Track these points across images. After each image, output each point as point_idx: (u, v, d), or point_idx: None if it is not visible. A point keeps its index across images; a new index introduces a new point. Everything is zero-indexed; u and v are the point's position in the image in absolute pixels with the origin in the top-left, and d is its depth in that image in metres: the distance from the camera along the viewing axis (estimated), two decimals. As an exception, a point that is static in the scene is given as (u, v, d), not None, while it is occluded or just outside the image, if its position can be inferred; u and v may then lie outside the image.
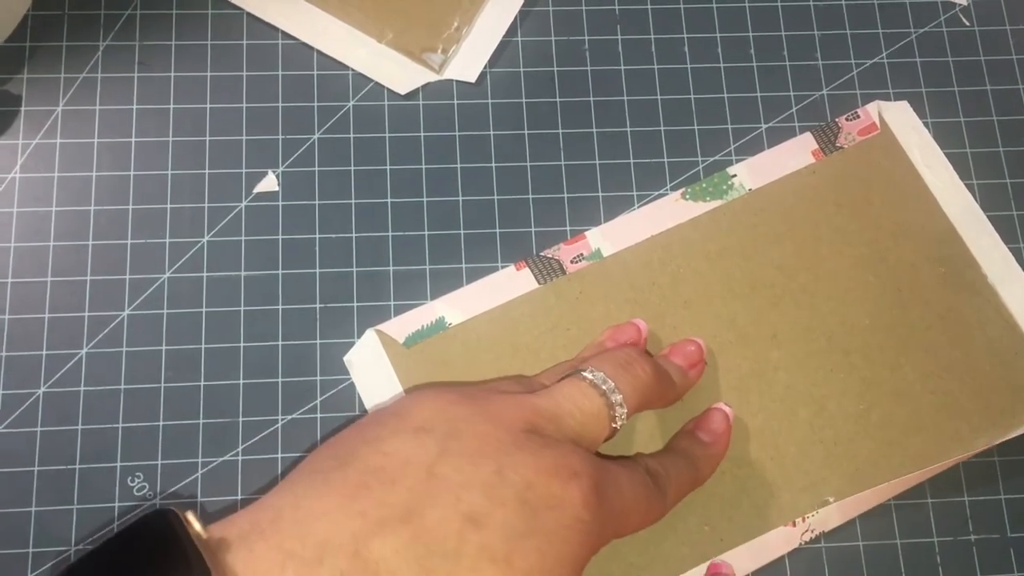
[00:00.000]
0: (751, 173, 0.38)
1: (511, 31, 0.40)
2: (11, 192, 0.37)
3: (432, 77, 0.39)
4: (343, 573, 0.23)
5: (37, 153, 0.37)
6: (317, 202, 0.37)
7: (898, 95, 0.40)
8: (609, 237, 0.37)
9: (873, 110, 0.39)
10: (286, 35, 0.39)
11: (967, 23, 0.41)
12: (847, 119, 0.39)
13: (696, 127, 0.39)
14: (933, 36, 0.41)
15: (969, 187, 0.39)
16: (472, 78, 0.39)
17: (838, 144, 0.39)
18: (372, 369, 0.35)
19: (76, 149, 0.38)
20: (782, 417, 0.35)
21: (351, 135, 0.38)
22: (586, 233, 0.37)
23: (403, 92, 0.39)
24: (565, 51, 0.40)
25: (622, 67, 0.40)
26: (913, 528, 0.35)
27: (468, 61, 0.39)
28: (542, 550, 0.24)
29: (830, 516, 0.34)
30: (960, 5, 0.41)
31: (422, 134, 0.39)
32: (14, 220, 0.37)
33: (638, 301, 0.36)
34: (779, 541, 0.34)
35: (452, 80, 0.39)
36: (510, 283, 0.37)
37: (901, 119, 0.39)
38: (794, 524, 0.34)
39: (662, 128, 0.39)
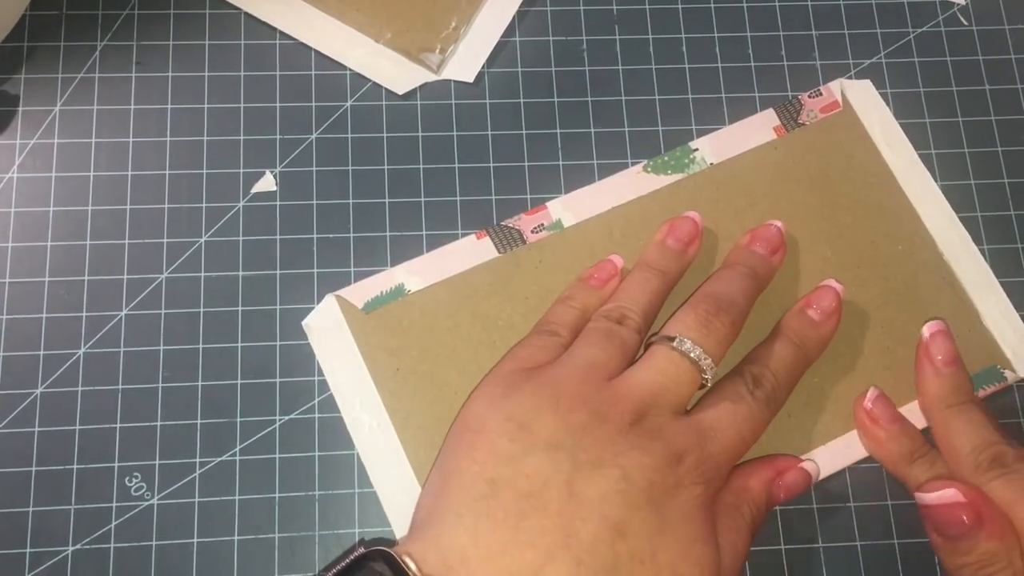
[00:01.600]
0: (713, 147, 0.38)
1: (509, 31, 0.40)
2: (8, 192, 0.37)
3: (430, 77, 0.39)
4: None
5: (35, 153, 0.37)
6: (315, 202, 0.37)
7: (896, 95, 0.40)
8: (570, 208, 0.37)
9: (836, 88, 0.39)
10: (284, 35, 0.39)
11: (965, 23, 0.41)
12: (810, 96, 0.39)
13: (694, 127, 0.39)
14: (931, 36, 0.41)
15: (967, 187, 0.39)
16: (470, 78, 0.39)
17: (800, 121, 0.39)
18: (330, 334, 0.36)
19: (74, 149, 0.38)
20: None
21: (349, 135, 0.38)
22: (547, 203, 0.37)
23: (401, 92, 0.39)
24: (563, 51, 0.40)
25: (620, 67, 0.40)
26: (912, 528, 0.35)
27: (466, 61, 0.39)
28: (677, 538, 0.28)
29: None
30: (958, 5, 0.41)
31: (420, 134, 0.39)
32: (11, 220, 0.37)
33: None
34: None
35: (450, 80, 0.39)
36: (470, 251, 0.37)
37: (863, 97, 0.39)
38: None
39: (660, 128, 0.39)
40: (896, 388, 0.36)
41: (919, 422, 0.35)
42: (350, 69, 0.39)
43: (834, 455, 0.35)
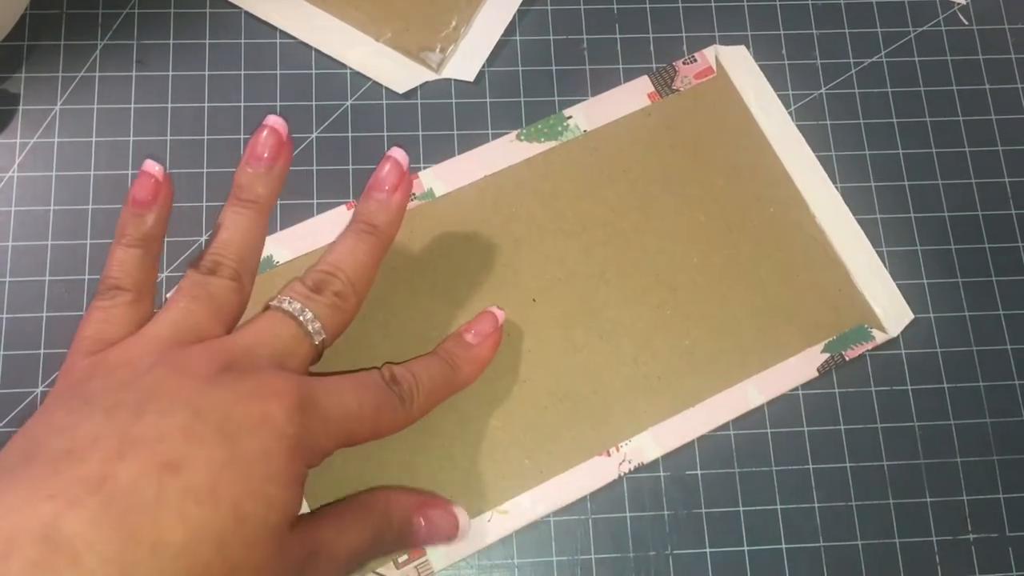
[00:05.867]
0: (586, 115, 0.39)
1: (510, 30, 0.40)
2: (9, 191, 0.37)
3: (430, 76, 0.39)
4: (34, 561, 0.22)
5: (35, 152, 0.37)
6: (315, 201, 0.37)
7: (897, 94, 0.40)
8: (442, 177, 0.37)
9: (710, 54, 0.40)
10: (284, 34, 0.39)
11: (966, 22, 0.41)
12: (684, 63, 0.40)
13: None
14: (932, 35, 0.41)
15: (966, 187, 0.39)
16: (470, 77, 0.39)
17: (674, 87, 0.39)
18: None
19: (74, 148, 0.37)
20: (607, 352, 0.36)
21: (349, 134, 0.38)
22: (419, 173, 0.38)
23: (401, 91, 0.39)
24: (564, 50, 0.40)
25: (620, 66, 0.40)
26: (911, 527, 0.35)
27: (466, 60, 0.39)
28: (246, 473, 0.25)
29: (647, 447, 0.35)
30: (959, 4, 0.41)
31: (420, 133, 0.39)
32: (12, 219, 0.37)
33: (469, 240, 0.37)
34: (597, 472, 0.34)
35: (450, 79, 0.39)
36: (339, 223, 0.36)
37: (737, 63, 0.40)
38: (609, 454, 0.35)
39: (661, 127, 0.39)
40: (767, 350, 0.36)
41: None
42: (350, 68, 0.39)
43: (706, 416, 0.35)
